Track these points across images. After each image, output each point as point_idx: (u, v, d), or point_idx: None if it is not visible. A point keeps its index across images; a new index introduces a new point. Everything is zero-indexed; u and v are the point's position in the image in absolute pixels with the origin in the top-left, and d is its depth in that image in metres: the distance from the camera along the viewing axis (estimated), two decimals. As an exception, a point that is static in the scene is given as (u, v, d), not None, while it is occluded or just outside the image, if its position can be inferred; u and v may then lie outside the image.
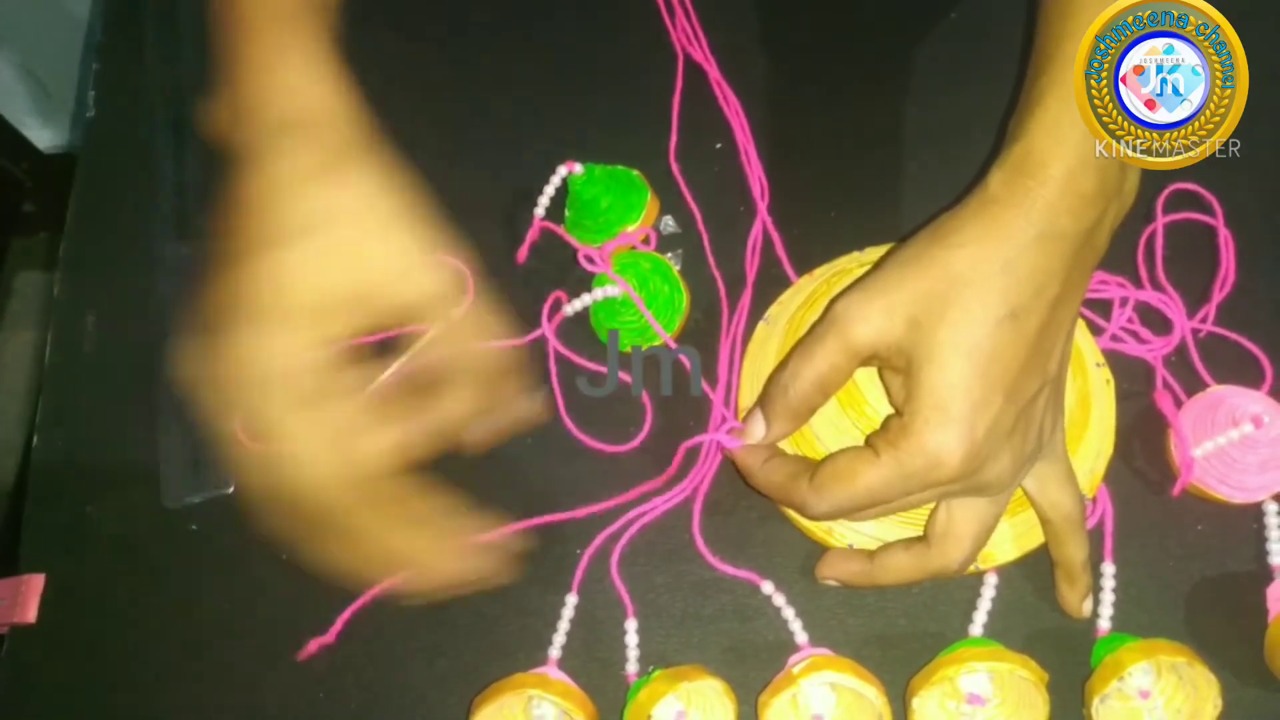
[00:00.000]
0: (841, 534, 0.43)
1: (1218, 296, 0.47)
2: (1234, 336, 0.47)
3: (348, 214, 0.36)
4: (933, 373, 0.36)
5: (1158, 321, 0.47)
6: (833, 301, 0.39)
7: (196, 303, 0.36)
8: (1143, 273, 0.48)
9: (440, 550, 0.37)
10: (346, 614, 0.44)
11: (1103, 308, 0.47)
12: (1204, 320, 0.47)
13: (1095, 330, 0.47)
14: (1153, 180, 0.49)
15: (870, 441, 0.38)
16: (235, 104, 0.38)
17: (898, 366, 0.38)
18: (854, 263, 0.47)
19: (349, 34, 0.58)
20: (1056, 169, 0.37)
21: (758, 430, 0.41)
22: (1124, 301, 0.47)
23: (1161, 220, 0.49)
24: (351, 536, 0.36)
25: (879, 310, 0.38)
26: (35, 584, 0.45)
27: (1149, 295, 0.47)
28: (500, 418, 0.40)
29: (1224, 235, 0.48)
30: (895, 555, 0.41)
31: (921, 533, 0.41)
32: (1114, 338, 0.47)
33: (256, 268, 0.35)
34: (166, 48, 0.57)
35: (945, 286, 0.37)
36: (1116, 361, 0.46)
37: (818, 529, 0.43)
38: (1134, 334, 0.47)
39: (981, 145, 0.51)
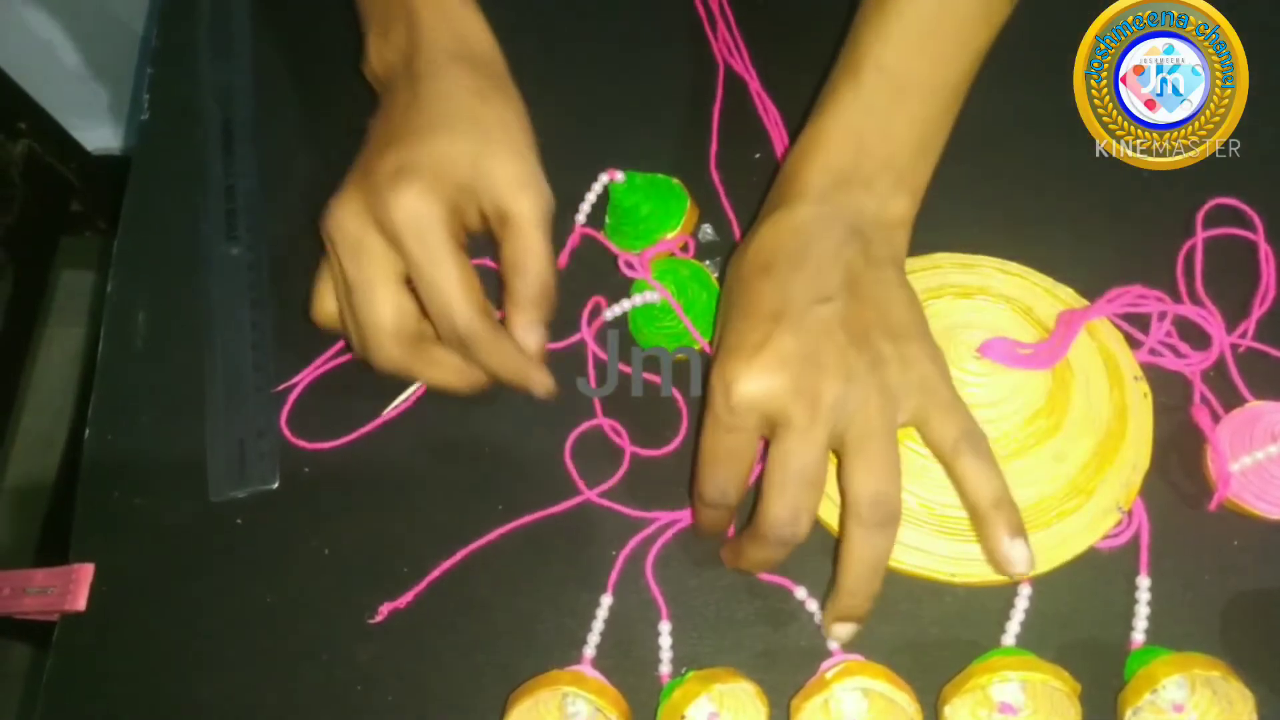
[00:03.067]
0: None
1: (1258, 312, 0.47)
2: (1274, 352, 0.46)
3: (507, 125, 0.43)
4: (719, 334, 0.42)
5: (1196, 336, 0.47)
6: None
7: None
8: (1182, 287, 0.48)
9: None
10: (423, 584, 0.45)
11: (1141, 322, 0.47)
12: (1243, 335, 0.47)
13: (1133, 344, 0.47)
14: (1193, 195, 0.49)
15: None
16: (402, 40, 0.45)
17: None
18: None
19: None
20: (795, 175, 0.44)
21: None
22: (1162, 315, 0.47)
23: (1201, 235, 0.49)
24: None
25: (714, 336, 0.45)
26: (85, 573, 0.46)
27: (1188, 310, 0.47)
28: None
29: (1265, 250, 0.48)
30: (836, 549, 0.41)
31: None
32: (1152, 351, 0.47)
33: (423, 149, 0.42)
34: (219, 54, 0.59)
35: (726, 284, 0.44)
36: (1154, 375, 0.46)
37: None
38: (1172, 348, 0.47)
39: (1020, 154, 0.52)
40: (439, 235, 0.41)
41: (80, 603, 0.46)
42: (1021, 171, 0.51)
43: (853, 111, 0.44)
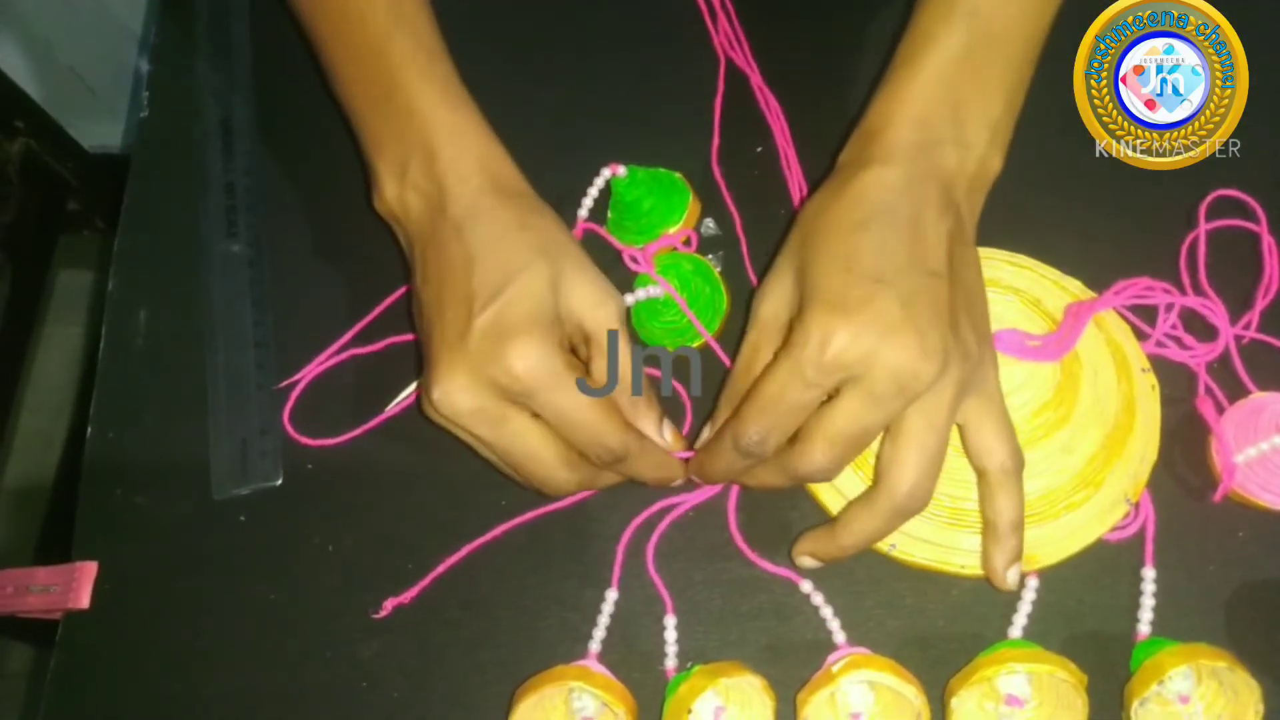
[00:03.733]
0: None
1: (1261, 303, 0.47)
2: (1278, 343, 0.46)
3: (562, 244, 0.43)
4: (807, 285, 0.40)
5: (1201, 328, 0.47)
6: None
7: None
8: (1185, 279, 0.48)
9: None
10: (427, 580, 0.45)
11: (1147, 314, 0.47)
12: (1247, 327, 0.47)
13: (1140, 336, 0.47)
14: (1194, 187, 0.49)
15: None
16: (422, 179, 0.43)
17: None
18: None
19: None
20: (883, 130, 0.42)
21: (705, 433, 0.44)
22: (1169, 307, 0.47)
23: (1204, 227, 0.49)
24: None
25: (770, 282, 0.43)
26: (88, 571, 0.46)
27: (1193, 301, 0.47)
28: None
29: (1268, 242, 0.48)
30: (849, 508, 0.41)
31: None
32: (1159, 343, 0.47)
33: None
34: (217, 50, 0.58)
35: (806, 232, 0.42)
36: (1159, 367, 0.46)
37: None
38: (1177, 340, 0.47)
39: (1023, 149, 0.52)
40: (564, 376, 0.40)
41: (84, 601, 0.46)
42: (1024, 168, 0.51)
43: (946, 59, 0.42)
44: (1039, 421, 0.43)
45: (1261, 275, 0.48)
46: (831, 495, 0.44)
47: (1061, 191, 0.51)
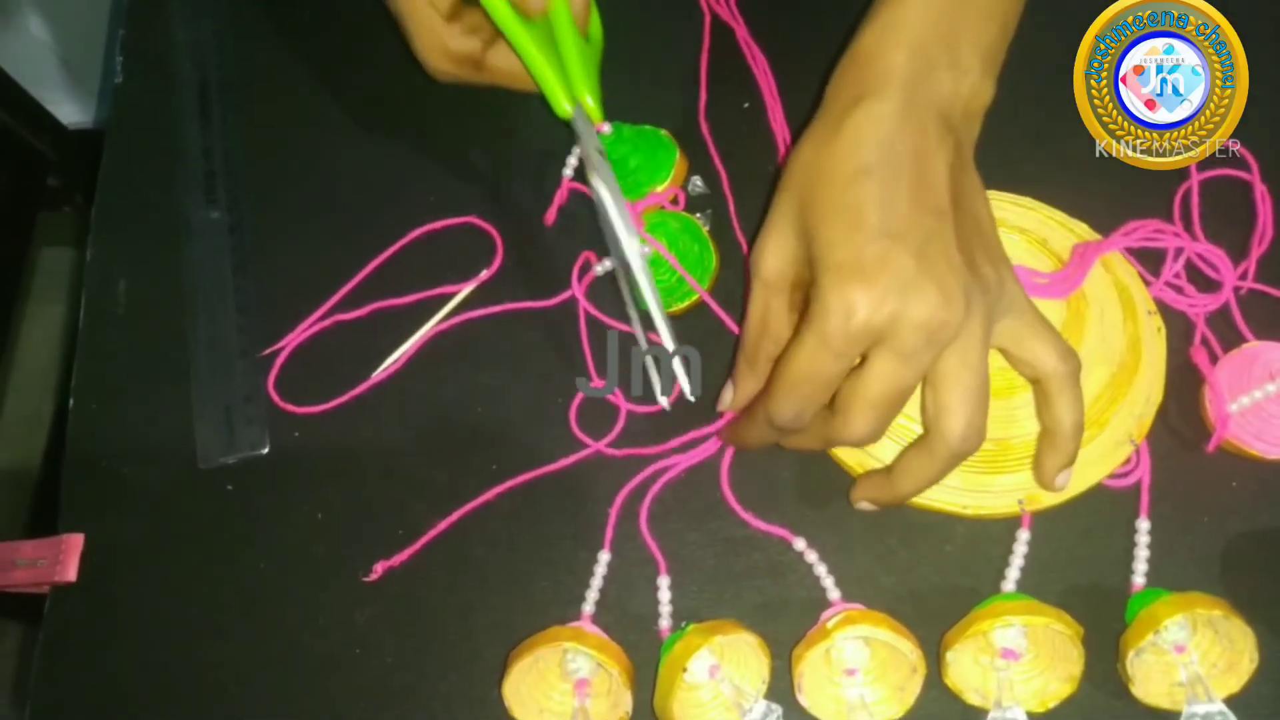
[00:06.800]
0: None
1: (1257, 251, 0.47)
2: (1274, 292, 0.46)
3: None
4: (817, 248, 0.38)
5: (1200, 278, 0.47)
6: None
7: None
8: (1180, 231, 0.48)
9: None
10: (418, 544, 0.44)
11: (1149, 261, 0.47)
12: (1244, 276, 0.46)
13: (1146, 282, 0.46)
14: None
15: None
16: None
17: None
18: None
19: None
20: (875, 58, 0.41)
21: (727, 395, 0.44)
22: (1179, 252, 0.46)
23: (1197, 177, 0.48)
24: None
25: (770, 237, 0.41)
26: (75, 544, 0.46)
27: (1203, 247, 0.46)
28: None
29: (1260, 190, 0.48)
30: (905, 456, 0.41)
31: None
32: (1169, 285, 0.46)
33: None
34: (192, 12, 0.57)
35: (803, 183, 0.40)
36: (1161, 314, 0.46)
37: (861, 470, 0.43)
38: (1178, 289, 0.46)
39: (1009, 103, 0.51)
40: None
41: (71, 573, 0.45)
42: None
43: None
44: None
45: (1255, 225, 0.47)
46: (849, 451, 0.44)
47: (1056, 155, 0.50)
